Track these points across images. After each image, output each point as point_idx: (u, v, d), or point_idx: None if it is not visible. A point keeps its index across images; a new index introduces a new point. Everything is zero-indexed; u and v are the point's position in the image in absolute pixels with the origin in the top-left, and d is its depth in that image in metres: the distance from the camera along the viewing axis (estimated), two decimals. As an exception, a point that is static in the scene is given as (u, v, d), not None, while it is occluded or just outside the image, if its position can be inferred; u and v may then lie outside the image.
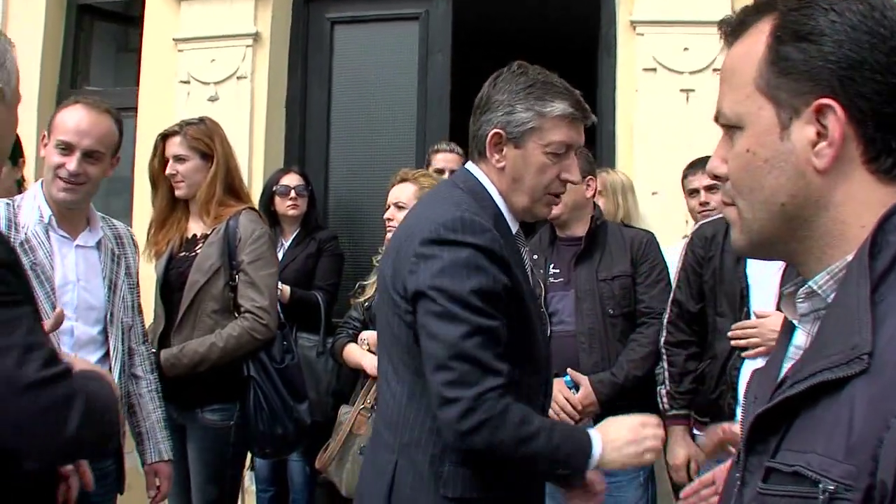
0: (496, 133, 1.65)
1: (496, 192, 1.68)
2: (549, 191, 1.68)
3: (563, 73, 1.71)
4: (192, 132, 2.72)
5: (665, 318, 2.67)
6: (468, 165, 1.74)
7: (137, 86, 4.32)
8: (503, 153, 1.66)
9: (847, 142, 0.82)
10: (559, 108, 1.63)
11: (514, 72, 1.69)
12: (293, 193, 3.60)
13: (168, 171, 2.73)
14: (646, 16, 3.82)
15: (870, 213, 0.82)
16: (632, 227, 3.17)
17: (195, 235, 2.75)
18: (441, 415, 1.50)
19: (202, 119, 2.81)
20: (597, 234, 2.82)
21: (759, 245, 0.91)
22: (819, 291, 0.85)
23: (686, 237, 3.40)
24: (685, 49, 3.73)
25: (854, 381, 0.73)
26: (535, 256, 2.75)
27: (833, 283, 0.84)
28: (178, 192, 2.74)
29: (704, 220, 2.77)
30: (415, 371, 1.57)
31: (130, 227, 2.56)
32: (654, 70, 3.77)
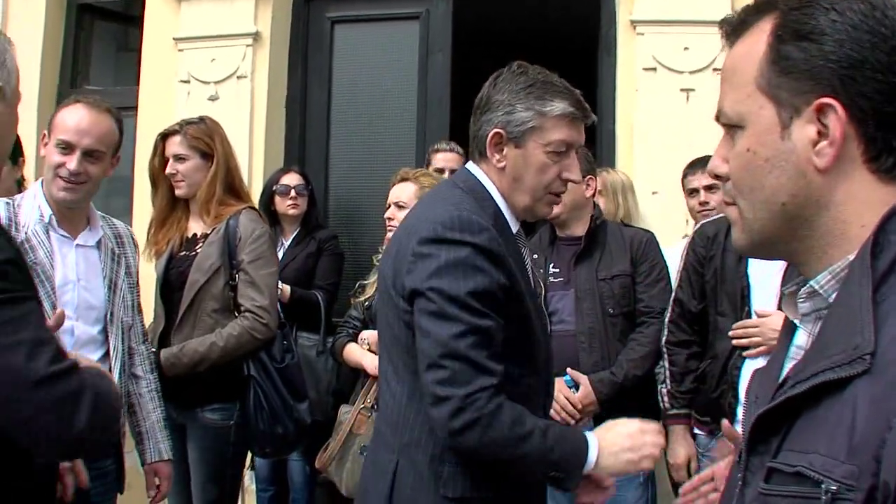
0: (496, 133, 1.65)
1: (496, 192, 1.68)
2: (551, 190, 1.67)
3: (564, 73, 1.71)
4: (193, 131, 2.71)
5: (666, 318, 2.67)
6: (468, 165, 1.74)
7: (137, 85, 4.32)
8: (504, 153, 1.65)
9: (848, 141, 0.82)
10: (559, 108, 1.63)
11: (514, 72, 1.68)
12: (293, 193, 3.61)
13: (168, 171, 2.72)
14: (646, 15, 3.81)
15: (871, 213, 0.82)
16: (631, 227, 3.17)
17: (195, 235, 2.75)
18: (433, 413, 1.50)
19: (202, 118, 2.81)
20: (596, 234, 2.82)
21: (760, 244, 0.91)
22: (821, 291, 0.85)
23: (686, 237, 3.40)
24: (685, 49, 3.73)
25: (856, 382, 0.73)
26: (535, 256, 2.74)
27: (835, 283, 0.84)
28: (179, 192, 2.74)
29: (706, 220, 2.77)
30: (415, 371, 1.56)
31: (131, 227, 2.56)
32: (655, 70, 3.77)
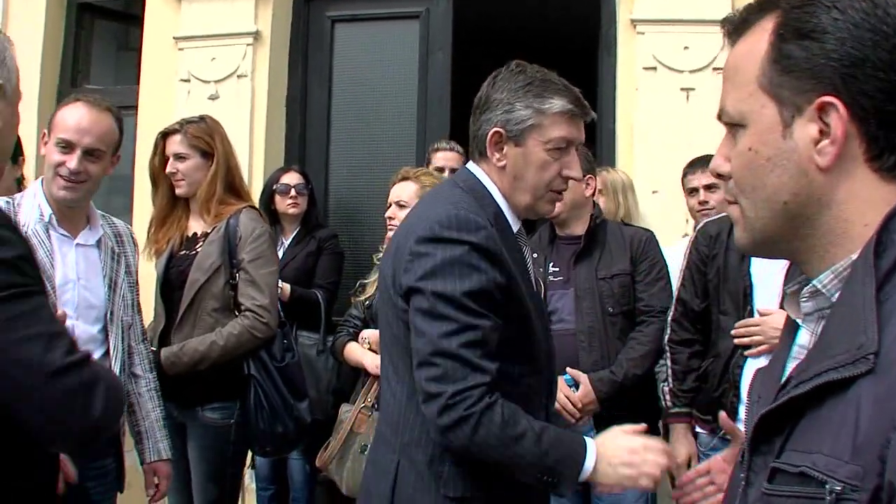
0: (496, 132, 1.65)
1: (497, 191, 1.68)
2: (552, 188, 1.67)
3: (564, 72, 1.70)
4: (193, 130, 2.71)
5: (669, 316, 2.67)
6: (469, 165, 1.74)
7: (138, 84, 4.32)
8: (504, 152, 1.65)
9: (849, 140, 0.81)
10: (558, 105, 1.63)
11: (513, 70, 1.68)
12: (293, 192, 3.61)
13: (168, 170, 2.72)
14: (646, 14, 3.81)
15: (873, 212, 0.81)
16: (631, 226, 3.17)
17: (195, 234, 2.75)
18: (425, 410, 1.50)
19: (202, 117, 2.81)
20: (596, 233, 2.82)
21: (762, 243, 0.91)
22: (823, 290, 0.85)
23: (686, 236, 3.40)
24: (685, 48, 3.73)
25: (860, 381, 0.73)
26: (535, 255, 2.74)
27: (837, 283, 0.83)
28: (179, 191, 2.74)
29: (709, 219, 2.76)
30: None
31: (131, 226, 2.56)
32: (655, 69, 3.77)
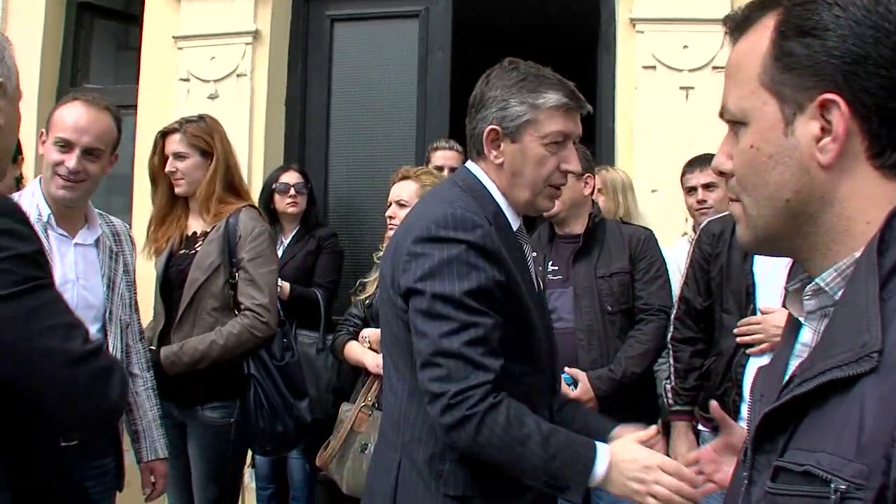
0: (492, 129, 1.64)
1: (496, 189, 1.67)
2: (550, 182, 1.66)
3: (563, 71, 1.70)
4: (192, 129, 2.71)
5: (672, 315, 2.67)
6: (468, 164, 1.74)
7: (137, 83, 4.31)
8: (501, 149, 1.65)
9: (851, 137, 0.81)
10: (553, 99, 1.63)
11: (506, 67, 1.68)
12: (293, 191, 3.61)
13: (168, 169, 2.72)
14: (645, 13, 3.81)
15: (875, 209, 0.81)
16: (630, 225, 3.17)
17: (195, 233, 2.75)
18: (429, 410, 1.50)
19: (202, 116, 2.80)
20: (595, 232, 2.82)
21: (765, 241, 0.91)
22: (826, 289, 0.84)
23: (685, 235, 3.40)
24: (685, 47, 3.72)
25: (864, 380, 0.73)
26: (534, 254, 2.74)
27: (840, 281, 0.83)
28: (178, 190, 2.73)
29: (712, 217, 2.75)
30: (414, 369, 1.56)
31: (130, 225, 2.56)
32: (654, 68, 3.76)
